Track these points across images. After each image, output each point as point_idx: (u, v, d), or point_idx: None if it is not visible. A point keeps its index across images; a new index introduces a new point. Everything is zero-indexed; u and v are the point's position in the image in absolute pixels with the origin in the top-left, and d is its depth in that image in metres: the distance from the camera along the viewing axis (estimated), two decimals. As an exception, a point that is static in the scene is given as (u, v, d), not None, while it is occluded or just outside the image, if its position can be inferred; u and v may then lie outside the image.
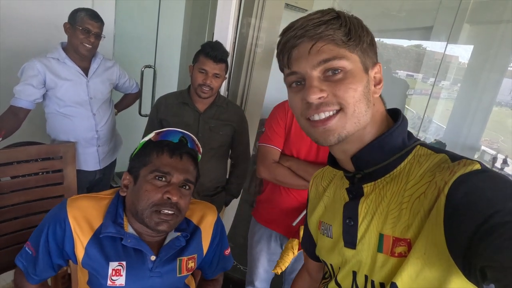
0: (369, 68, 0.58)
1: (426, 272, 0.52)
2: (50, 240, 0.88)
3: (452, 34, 2.90)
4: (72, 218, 0.88)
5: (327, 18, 0.55)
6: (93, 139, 1.88)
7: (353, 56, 0.56)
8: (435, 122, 3.76)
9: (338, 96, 0.55)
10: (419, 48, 4.00)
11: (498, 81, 2.88)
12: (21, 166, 1.44)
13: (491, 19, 2.89)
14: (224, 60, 1.59)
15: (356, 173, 0.64)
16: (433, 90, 3.51)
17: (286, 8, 2.24)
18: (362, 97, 0.56)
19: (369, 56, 0.58)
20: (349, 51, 0.56)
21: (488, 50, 2.92)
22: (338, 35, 0.55)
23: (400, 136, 0.60)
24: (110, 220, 0.89)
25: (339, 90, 0.55)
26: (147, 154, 0.90)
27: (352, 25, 0.56)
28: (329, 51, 0.55)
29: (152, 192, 0.85)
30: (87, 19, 1.69)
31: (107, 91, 1.92)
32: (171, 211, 0.86)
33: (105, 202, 0.94)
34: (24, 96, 1.66)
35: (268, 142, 1.42)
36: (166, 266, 0.94)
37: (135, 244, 0.89)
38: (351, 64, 0.56)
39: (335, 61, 0.55)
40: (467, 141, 3.16)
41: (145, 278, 0.91)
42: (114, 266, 0.88)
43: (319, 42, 0.55)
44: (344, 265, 0.66)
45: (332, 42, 0.55)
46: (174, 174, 0.88)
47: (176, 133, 0.96)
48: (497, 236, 0.42)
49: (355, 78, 0.55)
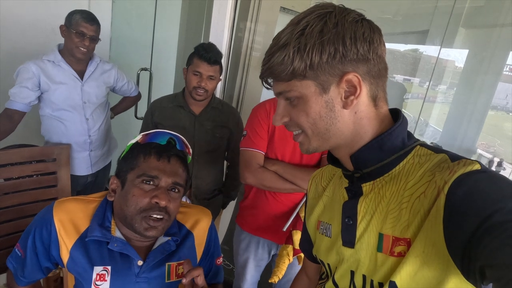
0: (330, 86, 0.57)
1: (425, 270, 0.52)
2: (37, 243, 0.87)
3: (447, 38, 2.92)
4: (57, 220, 0.86)
5: (274, 50, 0.57)
6: (86, 144, 1.87)
7: (303, 83, 0.57)
8: (432, 126, 3.77)
9: (295, 121, 0.61)
10: (415, 52, 4.02)
11: (493, 85, 2.90)
12: (14, 168, 1.44)
13: (486, 23, 2.91)
14: (218, 62, 1.57)
15: (355, 172, 0.64)
16: (430, 94, 3.53)
17: (282, 12, 2.25)
18: (318, 118, 0.59)
19: (329, 72, 0.56)
20: (298, 81, 0.57)
21: (483, 54, 2.94)
22: (282, 74, 0.57)
23: (400, 136, 0.60)
24: (97, 224, 0.87)
25: (294, 115, 0.61)
26: (134, 157, 0.88)
27: (302, 51, 0.54)
28: (279, 86, 0.60)
29: (140, 197, 0.84)
30: (82, 22, 1.67)
31: (102, 94, 1.89)
32: (160, 216, 0.84)
33: (93, 205, 0.92)
34: (19, 99, 1.65)
35: (252, 146, 1.36)
36: (154, 271, 0.91)
37: (121, 249, 0.87)
38: (302, 91, 0.58)
39: (285, 93, 0.60)
40: (463, 145, 3.17)
41: (131, 284, 0.88)
42: (98, 270, 0.86)
43: (270, 79, 0.61)
44: (341, 264, 0.66)
45: (280, 80, 0.59)
46: (162, 178, 0.86)
47: (164, 135, 0.93)
48: (497, 235, 0.42)
49: (306, 104, 0.58)
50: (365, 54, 0.56)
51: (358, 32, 0.55)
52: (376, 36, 0.57)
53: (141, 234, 0.85)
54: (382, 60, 0.59)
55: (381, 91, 0.60)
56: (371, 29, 0.57)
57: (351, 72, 0.56)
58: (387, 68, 0.61)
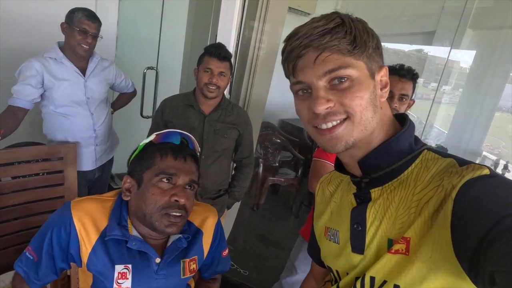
0: (375, 73, 0.58)
1: (431, 277, 0.52)
2: (54, 244, 0.87)
3: (455, 39, 2.90)
4: (77, 220, 0.86)
5: (332, 26, 0.54)
6: (91, 139, 1.88)
7: (358, 63, 0.56)
8: (436, 127, 3.76)
9: (345, 105, 0.55)
10: (420, 52, 4.01)
11: (500, 87, 2.89)
12: (21, 166, 1.44)
13: (494, 24, 2.89)
14: (228, 59, 1.58)
15: (363, 177, 0.63)
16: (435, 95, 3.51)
17: (289, 12, 2.24)
18: (369, 104, 0.56)
19: (375, 60, 0.58)
20: (354, 59, 0.55)
21: (491, 56, 2.93)
22: (343, 45, 0.54)
23: (407, 141, 0.60)
24: (115, 222, 0.88)
25: (346, 98, 0.55)
26: (149, 157, 0.89)
27: (358, 32, 0.55)
28: (335, 60, 0.55)
29: (159, 196, 0.85)
30: (84, 20, 1.68)
31: (104, 90, 1.91)
32: (179, 213, 0.86)
33: (109, 204, 0.93)
34: (22, 96, 1.65)
35: (324, 157, 1.39)
36: (171, 268, 0.93)
37: (140, 247, 0.89)
38: (357, 72, 0.55)
39: (341, 70, 0.54)
40: (469, 146, 3.16)
41: (151, 281, 0.90)
42: (120, 269, 0.87)
43: (325, 52, 0.55)
44: (351, 271, 0.66)
45: (338, 51, 0.54)
46: (180, 176, 0.87)
47: (176, 134, 0.95)
48: (506, 241, 0.42)
49: (361, 86, 0.55)
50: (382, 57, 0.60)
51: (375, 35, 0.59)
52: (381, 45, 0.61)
53: (161, 231, 0.86)
54: None
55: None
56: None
57: (385, 66, 0.59)
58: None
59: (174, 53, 3.03)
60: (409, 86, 1.39)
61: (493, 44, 2.89)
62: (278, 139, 3.45)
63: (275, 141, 3.45)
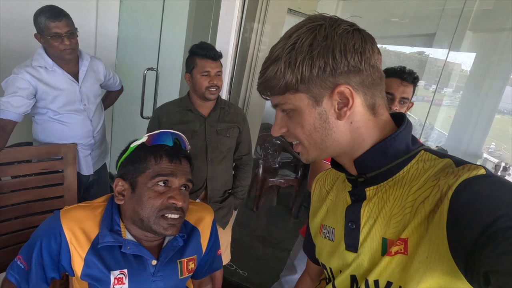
0: (322, 99, 0.57)
1: (428, 278, 0.52)
2: (44, 254, 0.86)
3: (455, 41, 2.91)
4: (67, 230, 0.85)
5: (267, 64, 0.59)
6: (89, 145, 1.85)
7: (296, 96, 0.58)
8: (437, 129, 3.76)
9: (291, 132, 0.62)
10: (421, 55, 4.01)
11: (500, 89, 2.89)
12: (21, 166, 1.44)
13: (494, 27, 2.89)
14: (221, 57, 1.58)
15: (359, 176, 0.64)
16: (436, 97, 3.52)
17: (289, 13, 2.25)
18: (313, 130, 0.59)
19: (321, 85, 0.56)
20: (291, 94, 0.58)
21: (491, 58, 2.93)
22: (276, 88, 0.58)
23: (404, 141, 0.60)
24: (107, 229, 0.87)
25: (290, 127, 0.62)
26: (143, 160, 0.88)
27: (293, 65, 0.55)
28: (274, 98, 0.61)
29: (156, 199, 0.84)
30: (50, 23, 1.53)
31: (98, 92, 1.87)
32: (178, 215, 0.86)
33: (99, 210, 0.91)
34: (12, 108, 1.53)
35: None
36: (168, 268, 0.93)
37: (135, 251, 0.88)
38: (296, 103, 0.58)
39: (281, 106, 0.61)
40: (469, 149, 3.15)
41: (148, 283, 0.90)
42: (116, 274, 0.86)
43: (266, 93, 0.63)
44: (345, 269, 0.66)
45: (274, 92, 0.60)
46: (176, 179, 0.87)
47: (169, 135, 0.93)
48: (501, 241, 0.42)
49: (301, 116, 0.59)
50: (357, 65, 0.55)
51: (349, 44, 0.54)
52: (368, 46, 0.56)
53: (160, 234, 0.86)
54: (377, 70, 0.59)
55: (379, 99, 0.60)
56: (363, 39, 0.56)
57: (343, 84, 0.56)
58: (383, 77, 0.60)
59: (174, 54, 3.03)
60: (410, 89, 1.41)
61: (493, 46, 2.89)
62: (277, 140, 3.45)
63: (275, 142, 3.45)
